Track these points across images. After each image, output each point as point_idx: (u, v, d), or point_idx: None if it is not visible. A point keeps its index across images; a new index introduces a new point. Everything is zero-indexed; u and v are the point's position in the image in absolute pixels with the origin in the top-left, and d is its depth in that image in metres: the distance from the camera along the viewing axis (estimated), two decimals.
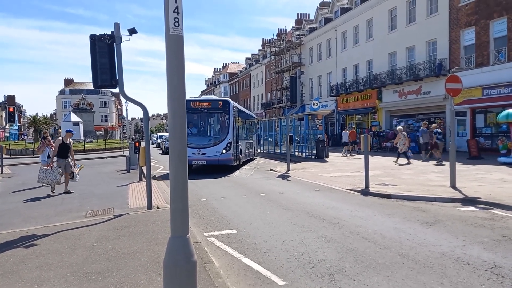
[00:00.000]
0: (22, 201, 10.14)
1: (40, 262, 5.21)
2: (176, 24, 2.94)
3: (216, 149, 15.68)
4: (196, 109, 16.20)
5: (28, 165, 23.56)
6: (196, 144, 15.66)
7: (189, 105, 15.02)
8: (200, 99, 17.44)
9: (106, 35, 7.77)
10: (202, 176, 15.02)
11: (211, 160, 15.64)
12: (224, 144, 15.82)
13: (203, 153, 15.54)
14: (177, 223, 3.10)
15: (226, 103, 16.56)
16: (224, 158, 15.80)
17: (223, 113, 16.43)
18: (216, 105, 16.54)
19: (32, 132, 65.47)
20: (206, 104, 16.55)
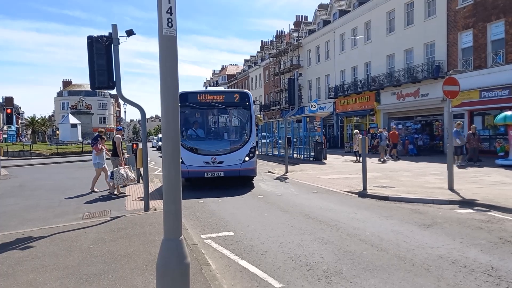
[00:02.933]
0: (20, 205, 10.10)
1: (35, 264, 5.18)
2: (169, 25, 2.93)
3: (237, 156, 11.69)
4: (206, 104, 12.26)
5: (26, 166, 23.51)
6: (209, 150, 11.77)
7: (194, 99, 12.01)
8: (209, 91, 13.02)
9: (104, 36, 7.75)
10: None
11: (230, 171, 11.61)
12: (246, 149, 11.86)
13: (219, 162, 11.48)
14: (170, 225, 3.09)
15: (245, 96, 12.44)
16: (247, 168, 11.80)
17: (242, 108, 12.59)
18: (232, 99, 12.52)
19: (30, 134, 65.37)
20: (218, 97, 12.34)
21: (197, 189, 12.09)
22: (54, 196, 11.14)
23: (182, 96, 11.53)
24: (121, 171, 10.32)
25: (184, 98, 11.66)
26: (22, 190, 12.68)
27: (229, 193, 11.12)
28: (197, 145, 11.85)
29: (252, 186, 12.50)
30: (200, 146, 11.88)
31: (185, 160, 11.06)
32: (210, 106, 12.45)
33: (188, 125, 12.48)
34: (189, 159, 11.26)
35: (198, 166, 11.38)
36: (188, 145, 11.63)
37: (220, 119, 13.91)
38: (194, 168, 11.30)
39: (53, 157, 31.18)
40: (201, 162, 11.41)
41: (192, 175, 11.49)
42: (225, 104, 12.43)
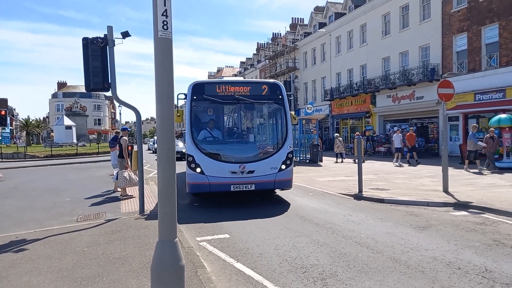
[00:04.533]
0: (14, 207, 10.02)
1: (29, 267, 5.15)
2: (164, 27, 2.93)
3: (271, 164, 9.16)
4: (228, 97, 9.59)
5: (20, 169, 23.36)
6: (236, 156, 9.25)
7: (212, 91, 9.45)
8: (231, 81, 10.48)
9: (99, 38, 7.73)
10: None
11: (263, 182, 9.09)
12: (282, 154, 9.32)
13: (249, 171, 8.93)
14: (165, 227, 3.08)
15: (276, 88, 9.85)
16: (284, 179, 9.29)
17: (274, 103, 9.97)
18: (259, 91, 9.83)
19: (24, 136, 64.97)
20: (243, 88, 9.66)
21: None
22: (49, 198, 11.08)
23: (197, 87, 9.38)
24: (125, 174, 10.31)
25: (199, 90, 9.32)
26: (17, 192, 12.60)
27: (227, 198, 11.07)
28: (220, 150, 9.31)
29: None
30: (225, 151, 9.30)
31: (205, 169, 8.77)
32: (233, 100, 9.70)
33: (205, 125, 9.89)
34: (210, 168, 8.78)
35: (222, 177, 8.79)
36: (208, 150, 9.08)
37: (247, 116, 11.10)
38: (218, 180, 8.79)
39: (48, 159, 31.00)
40: (226, 171, 8.80)
41: (214, 189, 8.92)
42: (252, 97, 9.61)
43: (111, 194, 11.31)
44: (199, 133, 9.56)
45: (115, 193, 11.35)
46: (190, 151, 8.94)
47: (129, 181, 10.31)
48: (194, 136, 9.14)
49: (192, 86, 9.39)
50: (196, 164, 8.79)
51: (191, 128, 9.12)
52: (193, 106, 9.33)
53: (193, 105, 9.32)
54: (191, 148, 8.92)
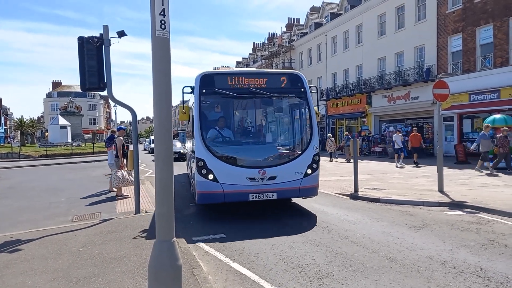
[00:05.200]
0: (9, 207, 9.95)
1: (24, 267, 5.11)
2: (162, 27, 2.93)
3: (295, 168, 7.92)
4: (241, 90, 8.18)
5: (14, 168, 23.20)
6: (254, 159, 8.02)
7: (223, 83, 8.09)
8: (245, 72, 9.24)
9: (95, 37, 7.70)
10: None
11: (286, 190, 7.86)
12: (307, 156, 8.06)
13: (270, 177, 7.67)
14: (162, 227, 3.08)
15: (297, 79, 8.52)
16: (310, 186, 8.03)
17: (295, 97, 8.61)
18: (278, 83, 8.43)
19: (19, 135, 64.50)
20: (258, 80, 8.27)
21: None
22: (44, 198, 11.01)
23: (206, 79, 8.01)
24: (118, 174, 10.26)
25: (208, 83, 7.98)
26: (11, 193, 12.52)
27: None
28: (236, 152, 8.00)
29: None
30: (242, 154, 7.98)
31: (218, 176, 7.46)
32: (248, 94, 8.26)
33: (216, 123, 8.54)
34: (224, 174, 7.50)
35: (239, 185, 7.50)
36: (222, 153, 7.80)
37: (264, 113, 9.83)
38: (234, 188, 7.49)
39: (42, 159, 30.80)
40: (244, 178, 7.51)
41: (229, 199, 7.58)
42: (269, 90, 8.27)
43: (107, 194, 11.27)
44: (210, 133, 8.24)
45: (110, 193, 11.31)
46: (200, 154, 7.55)
47: (122, 180, 10.27)
48: (205, 137, 7.75)
49: (200, 77, 7.97)
50: (208, 170, 7.43)
51: (200, 127, 7.71)
52: (202, 101, 7.94)
53: (202, 100, 7.93)
54: (202, 150, 7.55)
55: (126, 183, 10.33)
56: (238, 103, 9.12)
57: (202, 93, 7.91)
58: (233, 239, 6.50)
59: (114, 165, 11.01)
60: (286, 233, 6.75)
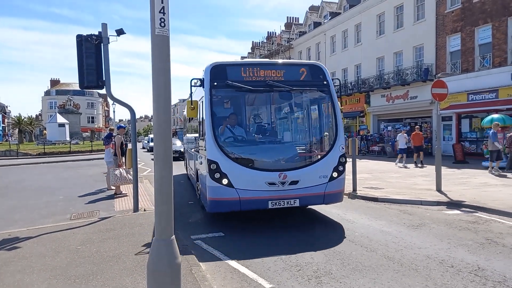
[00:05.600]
0: (6, 205, 9.93)
1: (22, 265, 5.11)
2: (162, 25, 2.93)
3: (319, 171, 7.05)
4: (257, 83, 7.30)
5: (12, 166, 23.14)
6: (273, 162, 7.33)
7: (236, 75, 7.21)
8: (261, 62, 8.44)
9: (93, 35, 7.68)
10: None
11: (310, 196, 6.99)
12: (333, 158, 7.19)
13: (292, 181, 6.80)
14: (161, 225, 3.08)
15: (318, 71, 7.68)
16: (335, 191, 7.20)
17: (317, 90, 7.86)
18: (297, 75, 7.59)
19: (17, 133, 64.34)
20: (276, 72, 7.41)
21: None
22: (42, 196, 10.99)
23: (217, 70, 7.13)
24: (116, 172, 10.25)
25: (220, 74, 7.10)
26: (9, 190, 12.49)
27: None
28: (254, 153, 7.25)
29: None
30: (260, 156, 7.24)
31: (233, 181, 6.60)
32: (265, 88, 7.35)
33: (228, 120, 7.71)
34: (241, 178, 6.65)
35: (257, 191, 6.64)
36: (238, 154, 7.00)
37: (283, 108, 9.07)
38: (251, 195, 6.64)
39: (40, 157, 30.74)
40: (262, 183, 6.65)
41: (246, 207, 6.74)
42: (288, 83, 7.40)
43: (105, 192, 11.26)
44: (223, 132, 7.43)
45: (108, 191, 11.30)
46: (212, 156, 6.64)
47: (120, 178, 10.26)
48: (217, 136, 6.86)
49: (210, 68, 7.08)
50: (222, 174, 6.55)
51: (212, 125, 6.80)
52: (213, 96, 7.04)
53: (213, 94, 7.04)
54: (214, 152, 6.66)
55: (124, 181, 10.32)
56: (253, 98, 8.26)
57: (213, 86, 7.03)
58: (231, 238, 6.51)
59: (111, 163, 11.00)
60: (284, 232, 6.76)
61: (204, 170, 7.23)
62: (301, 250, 5.73)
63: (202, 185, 7.66)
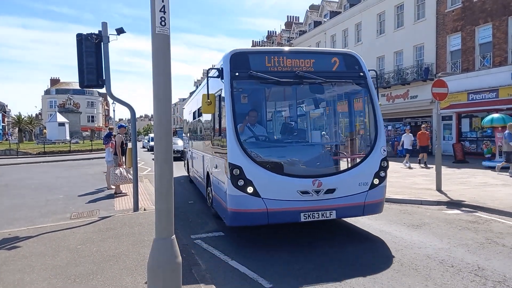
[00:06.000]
0: (6, 204, 9.93)
1: (22, 264, 5.10)
2: (162, 23, 2.92)
3: (358, 177, 6.12)
4: (285, 74, 6.31)
5: (12, 165, 23.14)
6: (305, 166, 6.60)
7: (260, 64, 6.23)
8: (288, 51, 6.83)
9: (93, 34, 7.67)
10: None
11: (348, 207, 6.06)
12: (374, 161, 6.24)
13: (328, 189, 5.85)
14: (162, 224, 3.08)
15: (353, 61, 6.74)
16: (376, 200, 6.23)
17: (353, 83, 6.79)
18: (329, 65, 6.61)
19: (17, 132, 64.31)
20: (305, 63, 6.44)
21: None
22: (41, 195, 10.99)
23: (238, 59, 6.17)
24: (116, 171, 10.25)
25: (241, 63, 6.13)
26: (9, 190, 12.48)
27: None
28: (282, 156, 6.37)
29: None
30: (289, 159, 6.39)
31: (260, 189, 5.63)
32: (294, 79, 6.30)
33: (251, 118, 6.84)
34: (268, 186, 5.68)
35: (288, 201, 5.70)
36: (264, 158, 6.15)
37: (314, 104, 8.07)
38: (281, 206, 5.69)
39: (40, 156, 30.73)
40: (294, 191, 5.70)
41: (275, 219, 5.77)
42: (319, 74, 6.35)
43: (105, 192, 11.25)
44: (247, 131, 6.60)
45: (108, 191, 11.29)
46: (235, 159, 5.67)
47: (120, 178, 10.26)
48: (239, 135, 5.86)
49: (230, 56, 6.12)
50: (247, 181, 5.58)
51: (234, 123, 5.81)
52: (234, 89, 6.02)
53: (234, 86, 6.02)
54: (237, 154, 5.68)
55: (124, 181, 10.31)
56: (280, 92, 7.31)
57: (234, 77, 6.01)
58: (231, 237, 6.51)
59: (111, 162, 11.00)
60: (283, 232, 6.75)
61: (221, 175, 6.23)
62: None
63: (218, 192, 6.66)
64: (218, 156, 6.71)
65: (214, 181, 7.17)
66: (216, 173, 6.93)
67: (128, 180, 10.13)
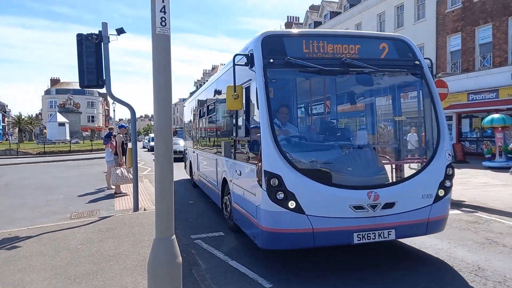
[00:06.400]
0: (6, 204, 9.93)
1: (22, 264, 5.10)
2: (163, 24, 2.93)
3: (422, 188, 5.01)
4: (329, 61, 5.18)
5: (12, 165, 23.14)
6: (357, 175, 5.37)
7: (297, 49, 5.11)
8: (329, 33, 5.86)
9: (94, 34, 7.67)
10: None
11: (410, 225, 4.91)
12: (438, 168, 5.13)
13: (386, 203, 4.73)
14: (162, 224, 3.07)
15: (405, 48, 5.75)
16: (440, 216, 5.15)
17: (408, 73, 5.74)
18: (377, 52, 5.50)
19: (17, 132, 64.32)
20: (349, 49, 5.29)
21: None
22: (41, 195, 10.99)
23: (270, 42, 5.12)
24: (117, 171, 10.25)
25: (275, 48, 5.10)
26: (9, 189, 12.48)
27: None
28: (329, 163, 5.32)
29: None
30: (337, 166, 5.32)
31: (304, 204, 4.59)
32: (340, 68, 5.22)
33: (288, 115, 5.94)
34: (314, 199, 4.67)
35: (338, 218, 4.68)
36: (309, 165, 5.10)
37: (363, 98, 6.94)
38: (329, 224, 4.66)
39: (40, 156, 30.75)
40: (345, 206, 4.68)
41: (322, 242, 4.73)
42: (366, 62, 5.28)
43: (105, 192, 11.25)
44: (285, 130, 5.61)
45: (108, 191, 11.29)
46: (272, 166, 4.59)
47: (122, 178, 10.25)
48: (276, 136, 4.73)
49: (262, 39, 5.06)
50: (288, 194, 4.52)
51: (269, 121, 4.74)
52: (268, 79, 4.95)
53: (268, 76, 4.95)
54: (275, 160, 4.61)
55: (125, 181, 10.32)
56: (320, 83, 6.26)
57: (268, 64, 4.94)
58: (231, 237, 6.51)
59: (111, 162, 11.00)
60: None
61: (249, 184, 5.23)
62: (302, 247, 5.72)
63: (244, 205, 5.59)
64: (242, 160, 5.64)
65: (235, 191, 6.10)
66: (240, 182, 5.80)
67: (129, 180, 10.13)
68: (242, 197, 5.71)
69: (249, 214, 5.33)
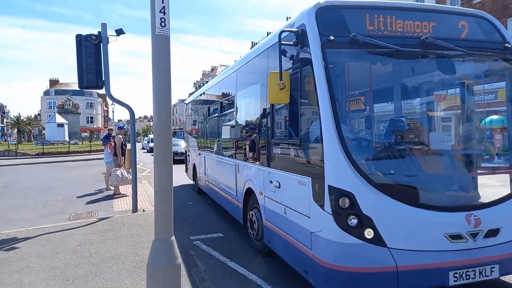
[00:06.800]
0: (4, 205, 9.91)
1: (21, 265, 5.09)
2: (162, 24, 2.93)
3: None
4: (402, 40, 3.85)
5: (11, 166, 23.11)
6: (450, 193, 4.23)
7: (361, 25, 3.80)
8: (399, 6, 4.08)
9: (93, 35, 7.67)
10: None
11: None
12: None
13: (489, 230, 3.60)
14: (161, 225, 3.07)
15: (490, 26, 4.51)
16: None
17: (498, 58, 4.52)
18: (456, 31, 4.20)
19: (16, 133, 64.26)
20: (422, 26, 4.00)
21: None
22: (40, 196, 10.96)
23: (327, 15, 3.87)
24: (117, 172, 10.24)
25: (334, 23, 3.86)
26: (7, 190, 12.46)
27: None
28: (412, 175, 4.11)
29: None
30: (425, 181, 4.10)
31: (385, 233, 3.43)
32: (418, 49, 3.95)
33: (361, 111, 5.38)
34: (397, 227, 3.48)
35: (430, 252, 3.50)
36: (388, 179, 3.80)
37: (443, 89, 5.85)
38: (418, 261, 3.46)
39: (39, 157, 30.70)
40: (439, 235, 3.50)
41: (409, 284, 3.46)
42: (447, 41, 4.03)
43: (104, 193, 11.23)
44: (357, 133, 4.75)
45: (107, 192, 11.28)
46: (341, 181, 3.47)
47: (122, 179, 10.24)
48: (345, 140, 3.55)
49: (316, 11, 3.87)
50: (364, 219, 3.43)
51: (334, 119, 3.55)
52: (329, 63, 3.71)
53: (328, 59, 3.71)
54: (345, 173, 3.48)
55: (125, 182, 10.32)
56: (398, 70, 5.03)
57: (327, 43, 3.73)
58: (230, 238, 6.50)
59: (110, 163, 10.99)
60: None
61: (301, 203, 4.03)
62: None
63: (289, 229, 4.37)
64: (284, 169, 4.47)
65: (269, 206, 4.96)
66: (279, 197, 4.63)
67: (129, 181, 10.12)
68: (282, 216, 4.52)
69: (294, 240, 4.17)
